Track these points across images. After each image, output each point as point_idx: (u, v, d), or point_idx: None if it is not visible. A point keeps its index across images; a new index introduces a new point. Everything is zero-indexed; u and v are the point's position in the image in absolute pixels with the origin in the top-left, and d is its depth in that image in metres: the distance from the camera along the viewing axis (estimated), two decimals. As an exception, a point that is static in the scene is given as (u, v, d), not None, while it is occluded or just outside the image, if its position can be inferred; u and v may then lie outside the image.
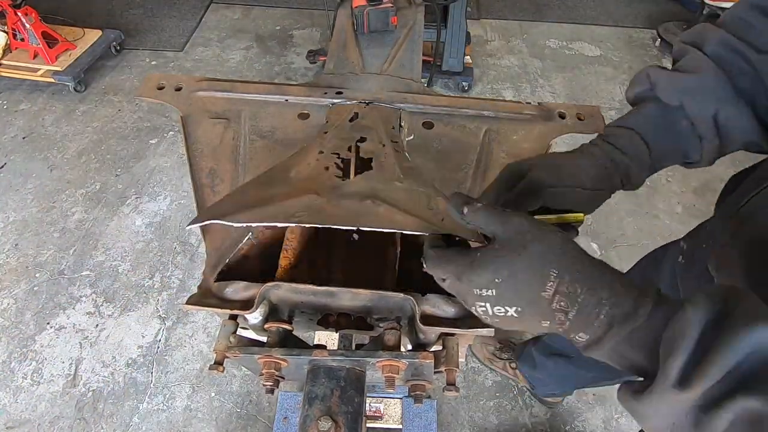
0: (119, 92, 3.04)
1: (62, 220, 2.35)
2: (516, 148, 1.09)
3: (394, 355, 0.72)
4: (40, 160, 2.62)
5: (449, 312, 0.80)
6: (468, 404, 1.82)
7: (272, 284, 0.78)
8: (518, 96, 3.12)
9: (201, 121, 1.12)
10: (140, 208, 2.41)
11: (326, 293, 0.79)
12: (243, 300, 0.81)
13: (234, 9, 3.79)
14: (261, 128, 1.10)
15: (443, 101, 1.16)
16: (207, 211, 0.88)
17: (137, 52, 3.35)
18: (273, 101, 1.17)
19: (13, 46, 2.91)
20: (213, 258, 0.88)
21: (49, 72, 2.87)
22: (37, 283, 2.12)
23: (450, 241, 0.61)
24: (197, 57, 3.34)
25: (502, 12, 3.86)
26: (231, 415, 1.76)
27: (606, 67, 3.37)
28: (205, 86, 1.19)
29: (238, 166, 1.03)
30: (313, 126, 1.10)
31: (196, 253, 2.23)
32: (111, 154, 2.66)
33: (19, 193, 2.46)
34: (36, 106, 2.93)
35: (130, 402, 1.79)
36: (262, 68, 3.27)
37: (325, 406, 0.72)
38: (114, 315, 2.02)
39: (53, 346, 1.93)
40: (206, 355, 1.91)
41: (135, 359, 1.90)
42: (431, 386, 0.80)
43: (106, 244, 2.26)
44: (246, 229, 0.91)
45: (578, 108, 1.16)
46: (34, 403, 1.79)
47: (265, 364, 0.76)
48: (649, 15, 3.86)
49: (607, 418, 1.80)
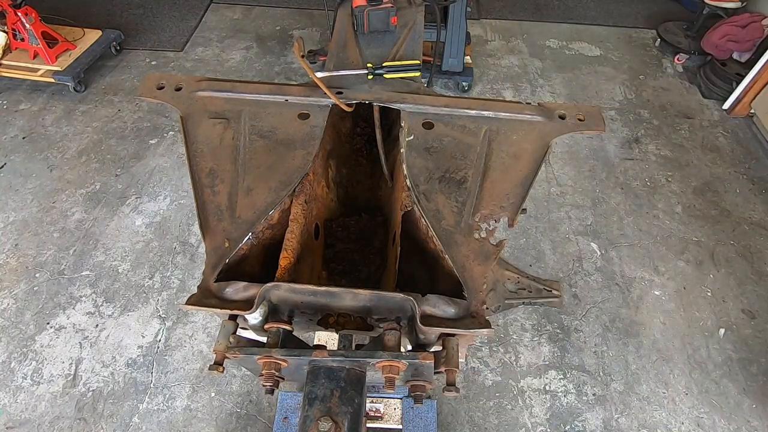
0: (119, 92, 3.04)
1: (62, 220, 2.35)
2: (516, 148, 1.09)
3: (394, 355, 0.72)
4: (40, 160, 2.62)
5: (449, 312, 0.80)
6: (468, 404, 1.82)
7: (272, 284, 0.78)
8: (518, 96, 3.12)
9: (201, 121, 1.12)
10: (140, 208, 2.41)
11: (326, 293, 0.79)
12: (243, 300, 0.80)
13: (234, 9, 3.79)
14: (261, 128, 1.10)
15: (443, 101, 1.16)
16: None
17: (137, 52, 3.35)
18: (273, 101, 1.16)
19: (13, 46, 2.91)
20: (213, 258, 0.88)
21: (49, 72, 2.86)
22: (37, 283, 2.12)
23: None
24: (197, 57, 3.34)
25: (502, 12, 3.86)
26: (231, 415, 1.76)
27: (606, 67, 3.37)
28: (204, 86, 1.19)
29: (237, 166, 1.03)
30: (313, 126, 1.10)
31: (196, 253, 2.23)
32: (111, 154, 2.66)
33: (19, 193, 2.46)
34: (36, 106, 2.93)
35: (130, 402, 1.79)
36: (262, 68, 3.27)
37: (325, 406, 0.72)
38: (114, 315, 2.02)
39: (53, 346, 1.93)
40: (206, 355, 1.91)
41: (135, 359, 1.90)
42: (431, 386, 0.80)
43: (106, 244, 2.26)
44: (246, 229, 0.91)
45: (578, 108, 1.16)
46: (34, 403, 1.79)
47: (265, 365, 0.76)
48: (649, 15, 3.86)
49: (607, 419, 1.80)
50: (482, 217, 0.96)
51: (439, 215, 0.95)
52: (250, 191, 0.98)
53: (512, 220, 0.96)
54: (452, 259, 0.88)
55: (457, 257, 0.89)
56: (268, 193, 0.97)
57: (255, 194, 0.97)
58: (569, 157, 2.68)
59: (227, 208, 0.95)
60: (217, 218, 0.94)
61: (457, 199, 0.99)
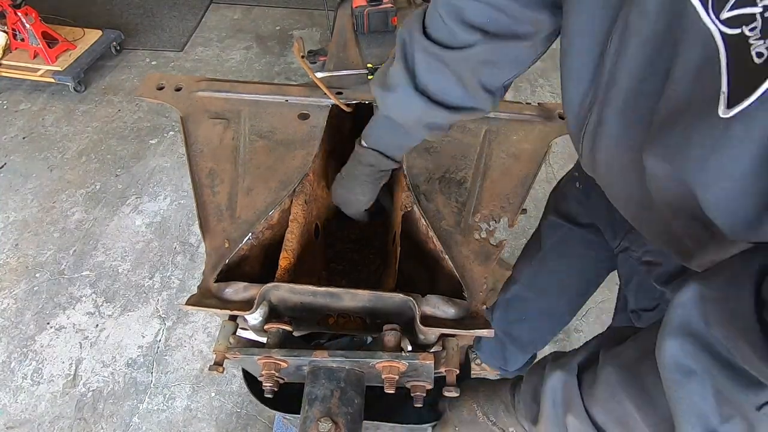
0: (119, 92, 3.04)
1: (62, 220, 2.35)
2: (516, 148, 1.09)
3: (394, 356, 0.72)
4: (40, 160, 2.62)
5: (449, 313, 0.80)
6: (468, 404, 1.82)
7: (272, 285, 0.78)
8: (518, 96, 3.12)
9: (201, 121, 1.12)
10: (140, 208, 2.41)
11: (326, 294, 0.79)
12: (243, 300, 0.81)
13: (234, 9, 3.78)
14: (261, 128, 1.10)
15: (443, 101, 1.16)
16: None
17: (137, 52, 3.35)
18: (273, 101, 1.17)
19: (13, 46, 2.91)
20: (213, 258, 0.88)
21: (49, 72, 2.86)
22: (37, 283, 2.12)
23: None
24: (197, 57, 3.34)
25: (502, 12, 3.85)
26: (231, 415, 1.76)
27: (606, 67, 3.37)
28: (204, 86, 1.19)
29: (237, 166, 1.03)
30: (313, 126, 1.10)
31: (196, 253, 2.22)
32: (111, 154, 2.66)
33: (19, 193, 2.46)
34: (36, 106, 2.93)
35: (130, 402, 1.79)
36: (262, 68, 3.27)
37: (325, 407, 0.72)
38: (114, 315, 2.02)
39: (53, 346, 1.93)
40: (206, 355, 1.91)
41: (135, 359, 1.90)
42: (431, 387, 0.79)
43: (106, 244, 2.26)
44: (246, 229, 0.91)
45: (578, 108, 1.15)
46: (34, 403, 1.79)
47: (264, 365, 0.76)
48: (649, 15, 3.86)
49: (607, 419, 1.80)
50: (482, 217, 0.96)
51: (439, 215, 0.95)
52: (250, 191, 0.98)
53: (512, 220, 0.96)
54: (452, 260, 0.88)
55: (457, 257, 0.89)
56: (268, 194, 0.97)
57: (255, 194, 0.97)
58: (569, 157, 2.68)
59: (227, 208, 0.96)
60: (217, 218, 0.94)
61: (457, 199, 0.99)
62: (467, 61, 0.73)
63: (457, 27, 0.70)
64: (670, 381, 0.45)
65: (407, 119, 0.82)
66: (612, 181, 0.69)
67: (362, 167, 0.92)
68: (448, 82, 0.75)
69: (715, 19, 0.41)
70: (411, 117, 0.81)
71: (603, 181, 0.72)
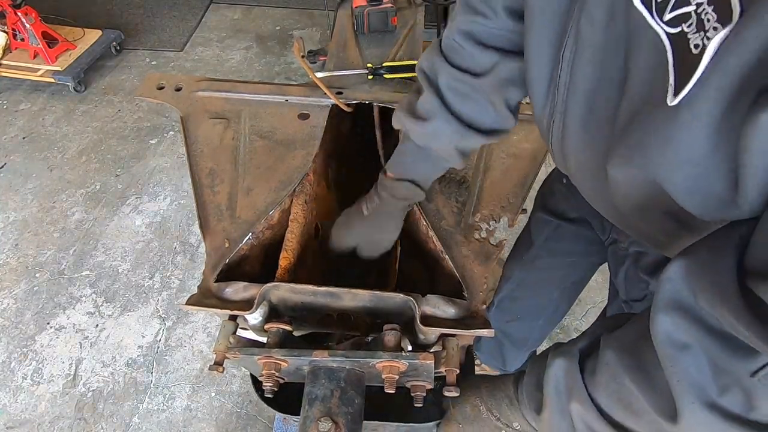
0: (119, 92, 3.03)
1: (62, 220, 2.35)
2: (516, 148, 1.09)
3: (394, 355, 0.72)
4: (40, 160, 2.62)
5: (449, 313, 0.80)
6: (468, 404, 1.82)
7: (272, 285, 0.78)
8: (518, 96, 3.12)
9: (201, 121, 1.12)
10: (140, 208, 2.41)
11: (326, 294, 0.79)
12: (243, 300, 0.81)
13: (234, 9, 3.78)
14: (261, 128, 1.10)
15: (443, 101, 1.16)
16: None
17: (137, 52, 3.35)
18: (273, 101, 1.16)
19: (13, 46, 2.91)
20: (213, 258, 0.88)
21: (49, 72, 2.86)
22: (37, 283, 2.12)
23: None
24: (197, 57, 3.34)
25: (502, 12, 3.85)
26: (231, 415, 1.76)
27: (606, 67, 3.37)
28: (204, 86, 1.19)
29: (237, 166, 1.03)
30: (313, 126, 1.10)
31: (196, 253, 2.22)
32: (111, 154, 2.66)
33: (19, 193, 2.46)
34: (36, 106, 2.93)
35: (130, 402, 1.79)
36: (262, 68, 3.27)
37: (325, 407, 0.72)
38: (114, 315, 2.02)
39: (53, 346, 1.93)
40: (206, 355, 1.91)
41: (135, 359, 1.90)
42: (431, 387, 0.80)
43: (106, 244, 2.25)
44: (246, 229, 0.91)
45: (578, 108, 1.15)
46: (34, 403, 1.79)
47: (265, 365, 0.76)
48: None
49: (608, 419, 1.79)
50: (482, 217, 0.96)
51: (439, 215, 0.95)
52: (250, 191, 0.98)
53: (512, 220, 0.96)
54: (452, 259, 0.88)
55: (457, 257, 0.89)
56: (268, 193, 0.97)
57: (255, 194, 0.97)
58: (569, 157, 2.68)
59: (227, 208, 0.96)
60: (217, 218, 0.94)
61: (457, 199, 0.99)
62: (493, 85, 0.75)
63: (475, 49, 0.72)
64: (665, 356, 0.46)
65: (442, 146, 0.81)
66: (585, 185, 0.71)
67: (395, 201, 0.87)
68: (480, 107, 0.77)
69: (659, 21, 0.43)
70: (446, 144, 0.81)
71: (577, 184, 0.73)
